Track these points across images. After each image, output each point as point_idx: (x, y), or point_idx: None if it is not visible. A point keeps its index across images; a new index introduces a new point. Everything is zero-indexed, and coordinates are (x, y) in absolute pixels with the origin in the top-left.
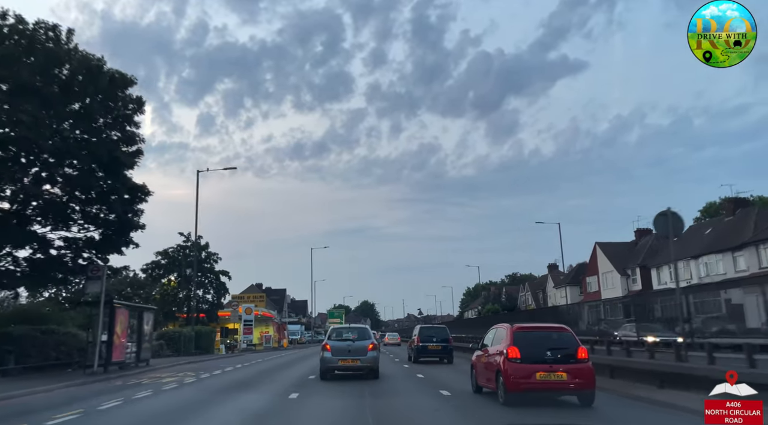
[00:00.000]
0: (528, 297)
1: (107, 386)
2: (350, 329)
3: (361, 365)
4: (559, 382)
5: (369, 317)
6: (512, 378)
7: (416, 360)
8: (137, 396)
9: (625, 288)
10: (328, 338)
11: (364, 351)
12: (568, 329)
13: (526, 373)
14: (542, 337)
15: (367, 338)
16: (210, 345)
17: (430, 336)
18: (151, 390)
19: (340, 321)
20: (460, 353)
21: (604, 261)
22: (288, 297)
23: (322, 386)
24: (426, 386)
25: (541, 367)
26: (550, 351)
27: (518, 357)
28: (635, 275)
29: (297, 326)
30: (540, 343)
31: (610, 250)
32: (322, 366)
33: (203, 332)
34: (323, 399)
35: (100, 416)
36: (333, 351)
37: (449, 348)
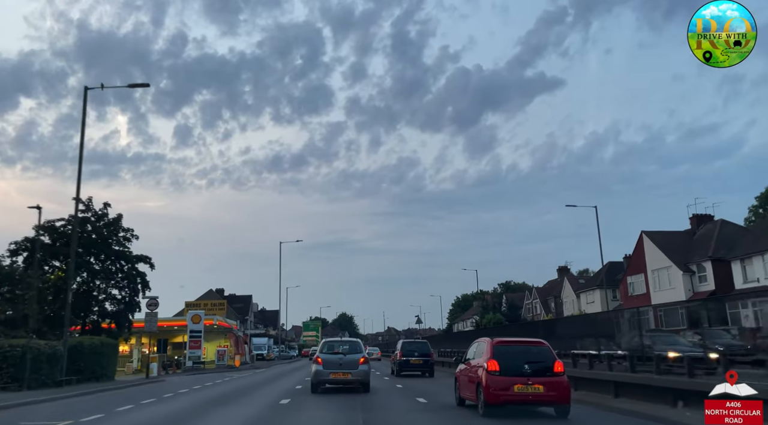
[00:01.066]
0: (536, 305)
1: None
2: (341, 342)
3: (352, 378)
4: (536, 394)
5: (347, 331)
6: (491, 390)
7: (398, 374)
8: None
9: (689, 288)
10: (319, 351)
11: (355, 364)
12: (546, 343)
13: (505, 385)
14: (521, 351)
15: (358, 351)
16: (108, 365)
17: (412, 350)
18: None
19: (315, 334)
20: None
21: (655, 254)
22: (254, 305)
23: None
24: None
25: (519, 380)
26: (527, 365)
27: (497, 369)
28: (704, 271)
29: (263, 339)
30: (518, 357)
31: (663, 240)
32: (313, 379)
33: (94, 346)
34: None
35: None
36: (324, 364)
37: (430, 363)
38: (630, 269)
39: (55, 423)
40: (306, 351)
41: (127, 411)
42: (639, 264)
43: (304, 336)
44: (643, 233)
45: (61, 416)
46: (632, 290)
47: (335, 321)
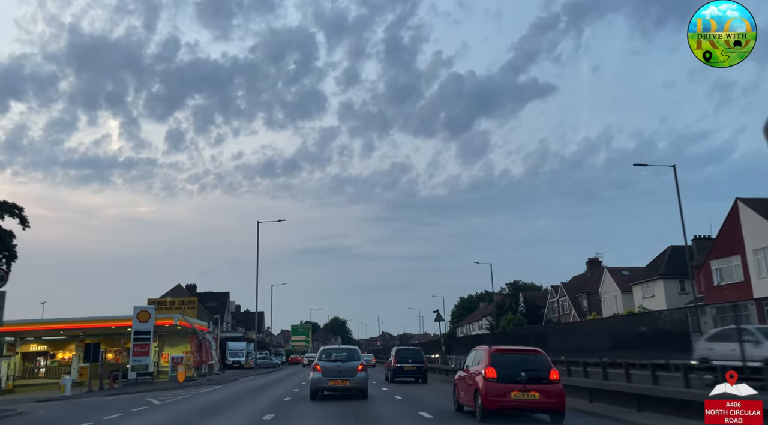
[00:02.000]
0: (564, 304)
1: None
2: (340, 350)
3: (350, 385)
4: (531, 401)
5: (340, 336)
6: (489, 397)
7: (392, 380)
8: None
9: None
10: (318, 359)
11: (353, 371)
12: (542, 352)
13: (502, 392)
14: (518, 359)
15: (356, 359)
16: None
17: (406, 357)
18: None
19: (305, 339)
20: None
21: (758, 228)
22: (232, 303)
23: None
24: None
25: (515, 387)
26: (524, 372)
27: (495, 376)
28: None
29: (241, 343)
30: (515, 364)
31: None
32: (312, 386)
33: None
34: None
35: None
36: (323, 372)
37: (423, 369)
38: (716, 251)
39: None
40: (294, 358)
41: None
42: (731, 243)
43: (293, 341)
44: (738, 200)
45: None
46: (719, 278)
47: (327, 325)
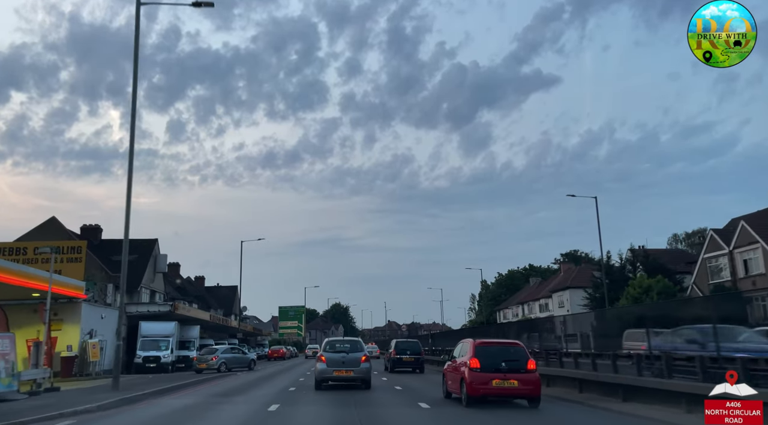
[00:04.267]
0: (751, 256)
1: None
2: (343, 341)
3: (354, 376)
4: (511, 388)
5: (342, 324)
6: (473, 385)
7: (392, 370)
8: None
9: None
10: (322, 350)
11: (357, 362)
12: (521, 344)
13: (485, 380)
14: (499, 351)
15: (359, 350)
16: None
17: (405, 349)
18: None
19: (297, 325)
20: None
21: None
22: (163, 257)
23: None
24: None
25: (497, 375)
26: (504, 363)
27: (478, 366)
28: None
29: (169, 325)
30: (497, 355)
31: None
32: (317, 376)
33: None
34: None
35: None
36: (328, 363)
37: (421, 360)
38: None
39: None
40: (276, 351)
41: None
42: None
43: (281, 329)
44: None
45: None
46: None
47: (327, 312)
